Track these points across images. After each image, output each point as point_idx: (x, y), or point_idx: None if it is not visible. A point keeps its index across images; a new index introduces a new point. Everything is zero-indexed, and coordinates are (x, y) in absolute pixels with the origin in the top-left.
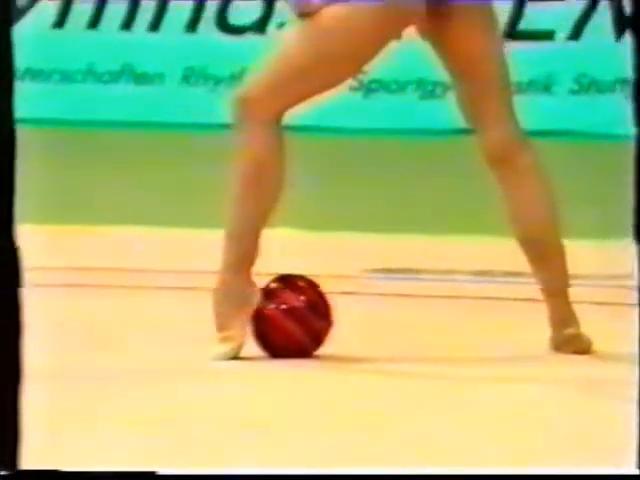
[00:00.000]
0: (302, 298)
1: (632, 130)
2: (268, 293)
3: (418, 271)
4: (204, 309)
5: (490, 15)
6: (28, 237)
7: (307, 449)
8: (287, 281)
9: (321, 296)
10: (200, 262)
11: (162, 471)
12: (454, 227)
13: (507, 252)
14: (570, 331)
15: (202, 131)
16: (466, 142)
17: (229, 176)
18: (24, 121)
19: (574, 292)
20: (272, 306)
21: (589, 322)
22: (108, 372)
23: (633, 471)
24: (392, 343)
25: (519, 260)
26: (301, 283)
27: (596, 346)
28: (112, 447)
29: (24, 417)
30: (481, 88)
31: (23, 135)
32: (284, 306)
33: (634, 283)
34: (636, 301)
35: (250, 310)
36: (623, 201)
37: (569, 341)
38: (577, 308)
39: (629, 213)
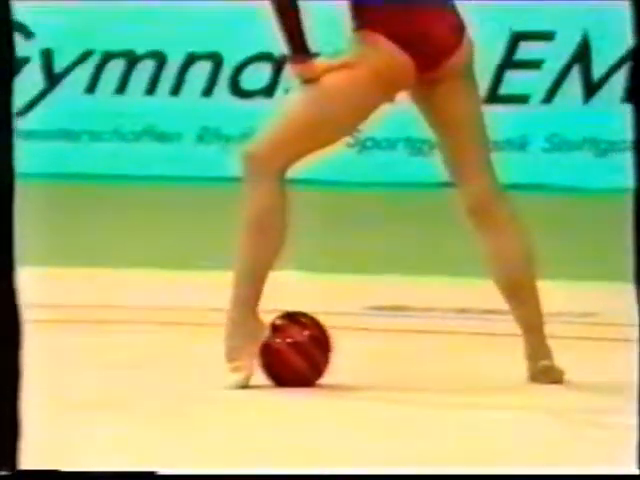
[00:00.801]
0: (305, 333)
1: (599, 184)
2: (275, 328)
3: (408, 308)
4: (212, 343)
5: (472, 81)
6: (70, 278)
7: (305, 464)
8: (292, 317)
9: (322, 331)
10: (209, 300)
11: (162, 471)
12: (439, 269)
13: (486, 292)
14: (544, 363)
15: (215, 184)
16: (449, 194)
17: (238, 223)
18: (56, 176)
19: (548, 328)
20: (278, 340)
21: (561, 355)
22: (117, 393)
23: (633, 471)
24: (385, 373)
25: (496, 299)
26: (304, 319)
27: (568, 376)
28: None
29: (24, 417)
30: (463, 146)
31: (54, 189)
32: (289, 340)
33: (602, 320)
34: (622, 337)
35: (258, 343)
36: (591, 247)
37: (544, 372)
38: (551, 342)
39: (597, 257)
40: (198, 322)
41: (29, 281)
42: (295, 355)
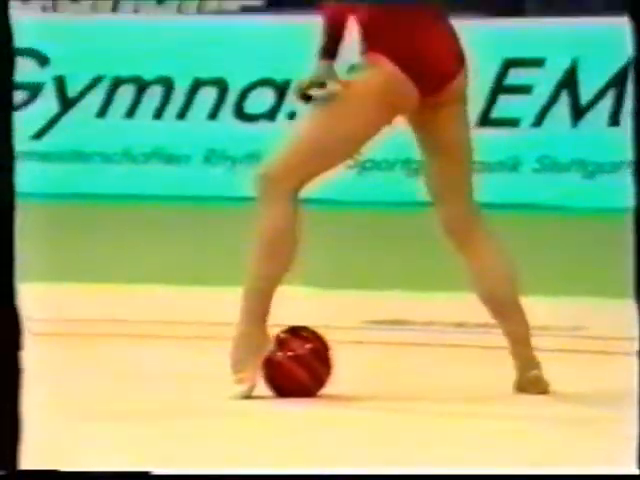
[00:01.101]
0: (307, 346)
1: (586, 204)
2: (278, 342)
3: (406, 322)
4: (214, 356)
5: (464, 106)
6: (99, 294)
7: (304, 468)
8: (294, 331)
9: (324, 344)
10: (214, 314)
11: (157, 471)
12: (435, 284)
13: (480, 306)
14: (535, 373)
15: (221, 203)
16: None
17: (244, 240)
18: (68, 196)
19: (540, 341)
20: (280, 353)
21: (553, 366)
22: (118, 399)
23: (633, 471)
24: (385, 384)
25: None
26: (306, 333)
27: (562, 386)
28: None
29: (24, 418)
30: (450, 170)
31: (67, 208)
32: (291, 353)
33: (591, 334)
34: (610, 350)
35: (262, 356)
36: (580, 264)
37: (533, 383)
38: (541, 354)
39: (585, 273)
40: (200, 335)
41: (42, 296)
42: (297, 368)
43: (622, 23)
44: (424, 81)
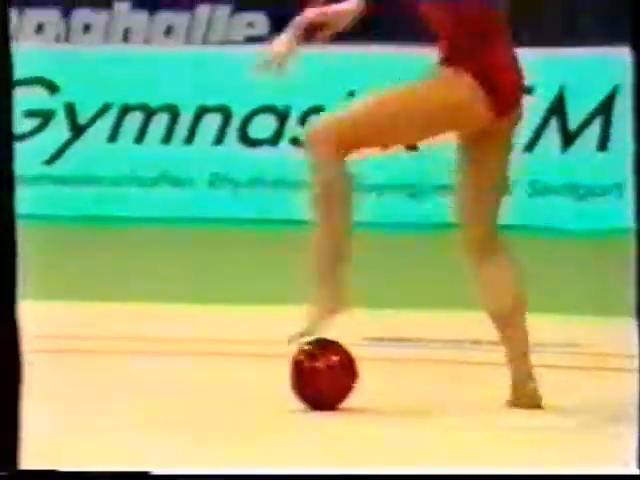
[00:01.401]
0: (335, 359)
1: (577, 226)
2: (308, 352)
3: (405, 339)
4: (215, 370)
5: (513, 133)
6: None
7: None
8: (323, 344)
9: (351, 359)
10: (215, 331)
11: (156, 471)
12: (432, 303)
13: (475, 324)
14: (531, 386)
15: (225, 225)
16: (441, 235)
17: (249, 259)
18: (79, 219)
19: (534, 357)
20: (309, 364)
21: (546, 380)
22: (124, 415)
23: (633, 471)
24: (385, 398)
25: (484, 331)
26: (334, 346)
27: (551, 401)
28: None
29: (24, 418)
30: (482, 193)
31: (77, 230)
32: (320, 365)
33: (582, 350)
34: (603, 365)
35: (335, 314)
36: (572, 283)
37: (529, 396)
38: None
39: (578, 292)
40: (201, 351)
41: (50, 314)
42: (323, 378)
43: (608, 52)
44: (500, 104)
